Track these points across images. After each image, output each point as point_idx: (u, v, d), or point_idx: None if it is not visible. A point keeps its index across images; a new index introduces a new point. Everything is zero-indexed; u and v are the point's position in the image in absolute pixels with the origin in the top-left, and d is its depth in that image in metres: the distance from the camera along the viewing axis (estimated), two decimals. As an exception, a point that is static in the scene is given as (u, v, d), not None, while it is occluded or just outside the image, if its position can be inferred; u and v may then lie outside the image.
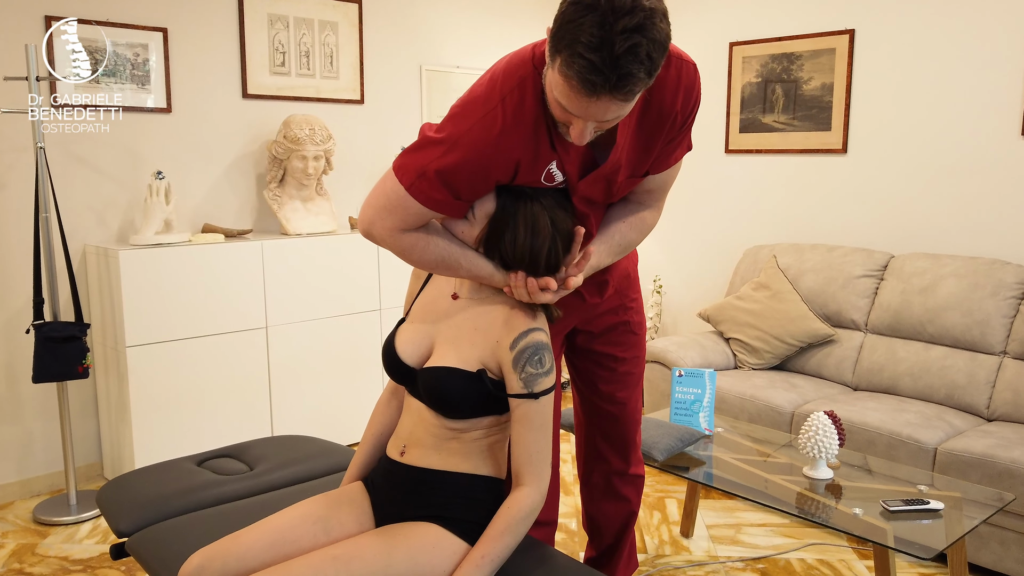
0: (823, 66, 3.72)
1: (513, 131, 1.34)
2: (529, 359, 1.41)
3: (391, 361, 1.54)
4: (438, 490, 1.48)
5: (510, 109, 1.33)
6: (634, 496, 2.12)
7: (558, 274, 1.47)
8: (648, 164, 1.49)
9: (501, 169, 1.39)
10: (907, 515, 2.04)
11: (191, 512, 1.86)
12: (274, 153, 3.40)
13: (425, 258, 1.46)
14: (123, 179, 3.21)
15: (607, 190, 1.52)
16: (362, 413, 3.59)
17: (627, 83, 1.16)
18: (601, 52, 1.13)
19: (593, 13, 1.13)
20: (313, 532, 1.47)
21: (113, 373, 3.06)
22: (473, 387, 1.43)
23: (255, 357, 3.26)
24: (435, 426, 1.48)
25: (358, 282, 3.56)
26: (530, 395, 1.41)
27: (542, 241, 1.43)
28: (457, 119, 1.37)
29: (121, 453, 3.10)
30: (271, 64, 3.55)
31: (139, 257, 2.94)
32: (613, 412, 1.99)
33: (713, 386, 2.61)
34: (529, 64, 1.33)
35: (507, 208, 1.43)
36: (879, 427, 2.78)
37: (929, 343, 3.17)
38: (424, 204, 1.39)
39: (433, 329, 1.53)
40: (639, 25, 1.13)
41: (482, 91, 1.36)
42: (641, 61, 1.15)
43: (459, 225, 1.47)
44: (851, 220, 3.70)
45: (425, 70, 4.08)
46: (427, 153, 1.37)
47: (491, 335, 1.45)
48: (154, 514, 1.85)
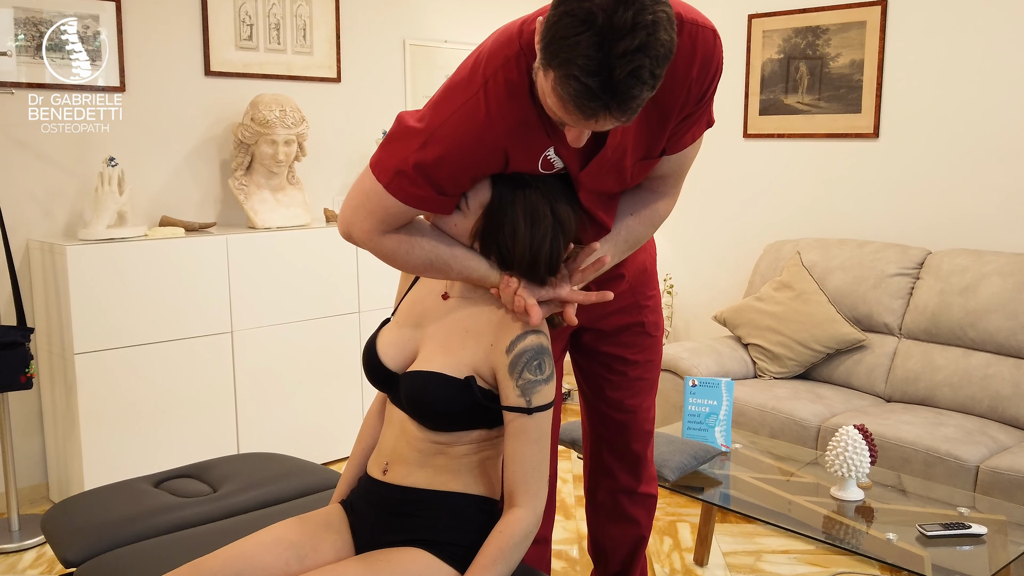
0: (852, 41, 3.73)
1: (498, 119, 1.33)
2: (527, 364, 1.40)
3: (371, 365, 1.54)
4: (425, 511, 1.48)
5: (493, 95, 1.32)
6: (644, 518, 2.12)
7: (555, 279, 1.47)
8: (663, 142, 1.47)
9: (487, 161, 1.38)
10: (946, 541, 2.04)
11: (147, 539, 1.85)
12: (240, 137, 3.39)
13: (411, 262, 1.46)
14: (71, 166, 3.20)
15: (619, 179, 1.50)
16: (340, 428, 3.58)
17: (629, 104, 1.17)
18: (600, 77, 1.13)
19: (589, 31, 1.12)
20: (285, 559, 1.46)
21: (60, 383, 3.05)
22: (459, 396, 1.43)
23: (219, 365, 3.25)
24: (419, 439, 1.48)
25: (335, 281, 3.55)
26: (527, 410, 1.40)
27: (543, 234, 1.42)
28: (438, 106, 1.36)
29: (69, 473, 3.09)
30: (237, 38, 3.54)
31: (89, 253, 2.92)
32: (621, 421, 1.98)
33: (730, 397, 2.61)
34: (516, 43, 1.32)
35: (504, 197, 1.42)
36: (915, 443, 2.79)
37: (970, 349, 3.18)
38: (405, 202, 1.39)
39: (419, 331, 1.53)
40: (641, 45, 1.12)
41: (464, 74, 1.35)
42: (644, 81, 1.15)
43: (452, 218, 1.46)
44: (883, 212, 3.71)
45: (409, 45, 4.07)
46: (405, 145, 1.37)
47: (484, 338, 1.45)
48: (106, 541, 1.84)
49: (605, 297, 1.49)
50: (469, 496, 1.49)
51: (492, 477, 1.53)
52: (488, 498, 1.52)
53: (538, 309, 1.41)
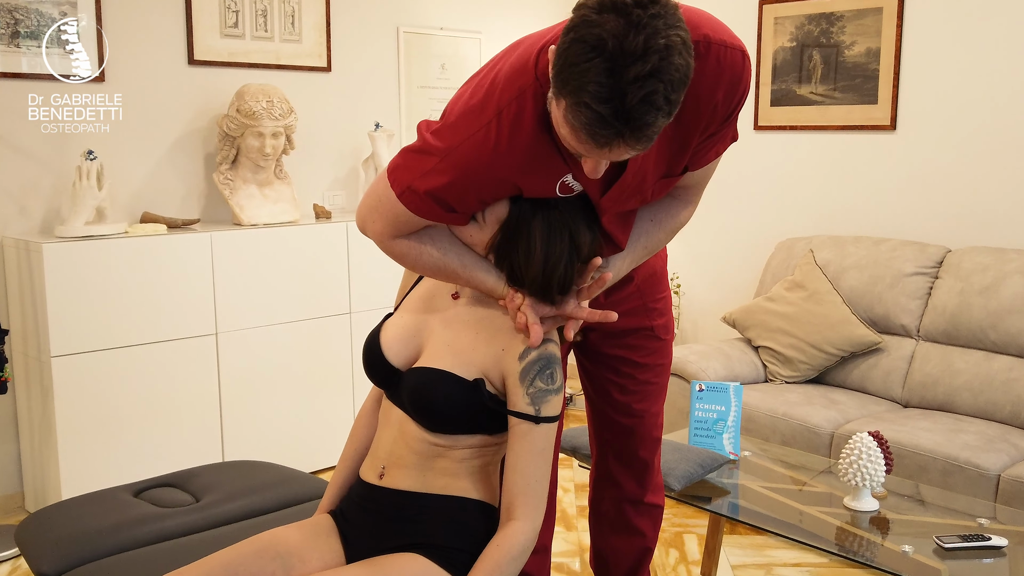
0: (868, 28, 3.73)
1: (509, 152, 1.36)
2: (540, 373, 1.43)
3: (373, 359, 1.56)
4: (424, 516, 1.49)
5: (507, 126, 1.35)
6: (650, 530, 2.12)
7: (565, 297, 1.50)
8: (685, 161, 1.50)
9: (496, 191, 1.43)
10: (965, 553, 2.04)
11: (126, 551, 1.85)
12: (225, 130, 3.39)
13: (420, 266, 1.53)
14: (47, 160, 3.20)
15: (640, 200, 1.54)
16: (329, 435, 3.59)
17: (643, 132, 1.18)
18: (611, 104, 1.14)
19: (600, 57, 1.13)
20: (271, 570, 1.47)
21: (36, 387, 3.05)
22: (466, 397, 1.45)
23: (203, 368, 3.25)
24: (418, 441, 1.49)
25: (324, 281, 3.55)
26: (534, 418, 1.42)
27: (558, 256, 1.44)
28: (453, 129, 1.39)
29: (45, 482, 3.09)
30: (222, 25, 3.54)
31: (66, 251, 2.93)
32: (628, 426, 1.99)
33: (739, 402, 2.62)
34: (532, 72, 1.33)
35: (523, 215, 1.46)
36: (933, 450, 2.79)
37: (992, 352, 3.18)
38: (415, 213, 1.45)
39: (426, 328, 1.55)
40: (654, 70, 1.13)
41: (479, 100, 1.38)
42: (659, 107, 1.16)
43: (468, 228, 1.50)
44: (900, 208, 3.71)
45: (403, 32, 4.08)
46: (419, 164, 1.42)
47: (496, 342, 1.48)
48: (83, 553, 1.84)
49: (609, 317, 1.52)
50: (469, 500, 1.50)
51: (494, 484, 1.55)
52: (489, 504, 1.53)
53: (539, 329, 1.45)
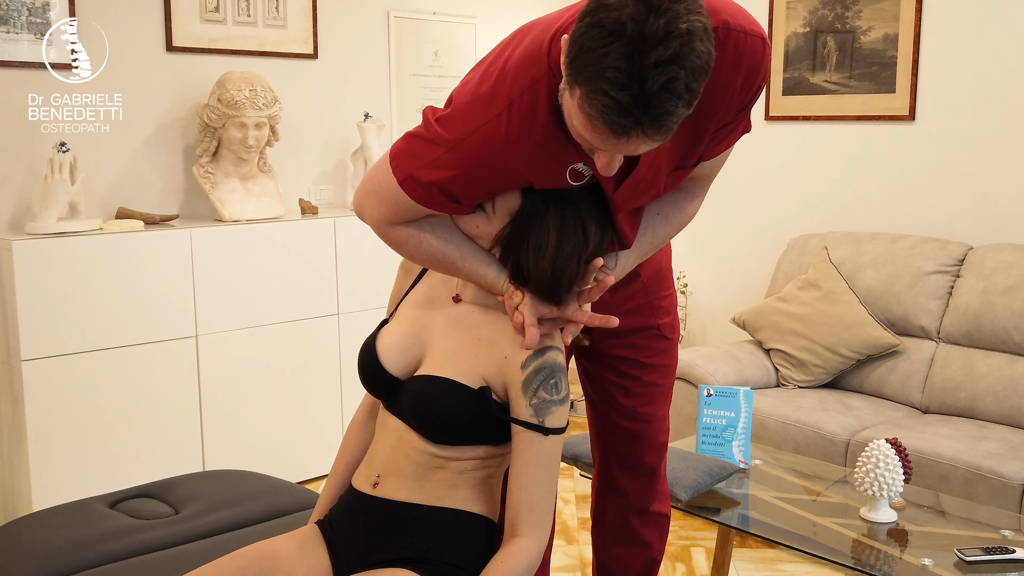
0: (886, 12, 3.73)
1: (519, 144, 1.37)
2: (543, 383, 1.43)
3: (370, 368, 1.55)
4: (419, 529, 1.48)
5: (518, 118, 1.35)
6: (656, 541, 2.12)
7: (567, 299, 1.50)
8: (699, 152, 1.51)
9: (504, 183, 1.44)
10: (988, 567, 2.05)
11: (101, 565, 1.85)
12: (206, 120, 3.39)
13: (417, 255, 1.53)
14: (17, 152, 3.20)
15: (654, 194, 1.54)
16: (317, 443, 3.59)
17: (663, 122, 1.18)
18: (630, 90, 1.14)
19: (618, 41, 1.13)
20: (254, 587, 1.47)
21: (5, 393, 3.05)
22: (472, 407, 1.45)
23: (183, 373, 3.25)
24: (418, 451, 1.49)
25: (311, 280, 3.55)
26: (539, 428, 1.42)
27: (569, 254, 1.44)
28: (462, 118, 1.40)
29: (15, 492, 3.09)
30: (202, 9, 3.54)
31: (37, 249, 2.93)
32: (633, 431, 1.99)
33: (749, 408, 2.62)
34: (544, 61, 1.34)
35: (535, 208, 1.45)
36: (954, 458, 2.80)
37: (1016, 355, 3.19)
38: (417, 202, 1.44)
39: (426, 335, 1.55)
40: (675, 55, 1.13)
41: (488, 88, 1.38)
42: (679, 96, 1.16)
43: (474, 218, 1.49)
44: (920, 203, 3.72)
45: (394, 17, 4.08)
46: (423, 151, 1.41)
47: (498, 349, 1.47)
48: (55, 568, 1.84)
49: (610, 323, 1.52)
50: (468, 514, 1.50)
51: (496, 497, 1.54)
52: (490, 519, 1.53)
53: (535, 331, 1.44)
